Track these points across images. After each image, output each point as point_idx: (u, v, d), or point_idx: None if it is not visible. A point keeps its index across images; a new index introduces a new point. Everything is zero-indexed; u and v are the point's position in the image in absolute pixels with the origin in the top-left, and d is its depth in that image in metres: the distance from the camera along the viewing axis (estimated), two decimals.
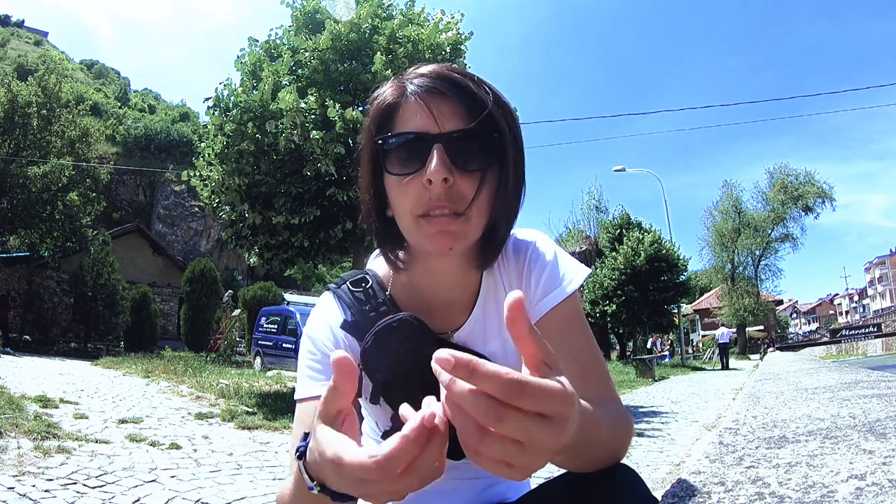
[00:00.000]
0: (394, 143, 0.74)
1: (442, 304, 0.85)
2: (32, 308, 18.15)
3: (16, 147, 16.86)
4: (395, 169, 0.74)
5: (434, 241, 0.73)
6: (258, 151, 6.91)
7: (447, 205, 0.71)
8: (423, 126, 0.72)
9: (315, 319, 0.86)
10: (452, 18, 7.64)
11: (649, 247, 20.86)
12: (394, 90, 0.77)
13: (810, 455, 0.66)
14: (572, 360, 0.77)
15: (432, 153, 0.70)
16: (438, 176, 0.69)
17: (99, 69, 56.51)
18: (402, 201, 0.74)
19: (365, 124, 0.79)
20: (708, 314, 38.98)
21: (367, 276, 0.88)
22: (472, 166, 0.72)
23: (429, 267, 0.82)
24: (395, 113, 0.76)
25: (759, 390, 2.48)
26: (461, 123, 0.72)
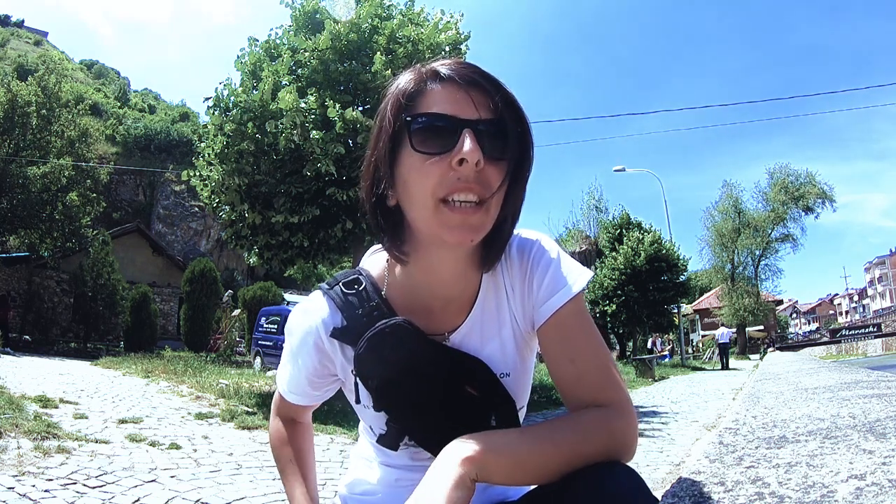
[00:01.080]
0: (423, 122, 0.72)
1: (440, 304, 0.83)
2: (32, 308, 18.15)
3: (15, 147, 16.86)
4: (421, 147, 0.71)
5: (454, 232, 0.71)
6: (258, 151, 6.91)
7: (475, 188, 0.70)
8: (454, 110, 0.71)
9: (303, 318, 0.86)
10: (452, 18, 7.64)
11: (649, 247, 20.85)
12: (415, 78, 0.76)
13: (810, 455, 0.66)
14: (569, 364, 0.77)
15: (464, 136, 0.69)
16: (474, 156, 0.68)
17: (99, 69, 56.51)
18: (424, 181, 0.71)
19: (384, 107, 0.77)
20: (708, 314, 38.97)
21: (361, 277, 0.86)
22: (499, 154, 0.72)
23: (430, 263, 0.80)
24: (417, 98, 0.74)
25: (759, 390, 2.48)
26: (487, 114, 0.72)
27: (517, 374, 0.85)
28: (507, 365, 0.84)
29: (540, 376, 9.29)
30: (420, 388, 0.79)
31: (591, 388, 0.76)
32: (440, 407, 0.79)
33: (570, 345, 0.78)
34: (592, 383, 0.76)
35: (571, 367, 0.77)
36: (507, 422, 0.83)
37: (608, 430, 0.72)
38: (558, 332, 0.79)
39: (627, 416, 0.74)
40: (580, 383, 0.77)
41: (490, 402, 0.82)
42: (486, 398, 0.81)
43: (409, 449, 0.85)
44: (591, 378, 0.77)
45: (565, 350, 0.78)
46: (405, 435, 0.83)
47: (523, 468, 0.67)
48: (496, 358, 0.83)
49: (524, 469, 0.67)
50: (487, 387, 0.82)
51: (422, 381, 0.78)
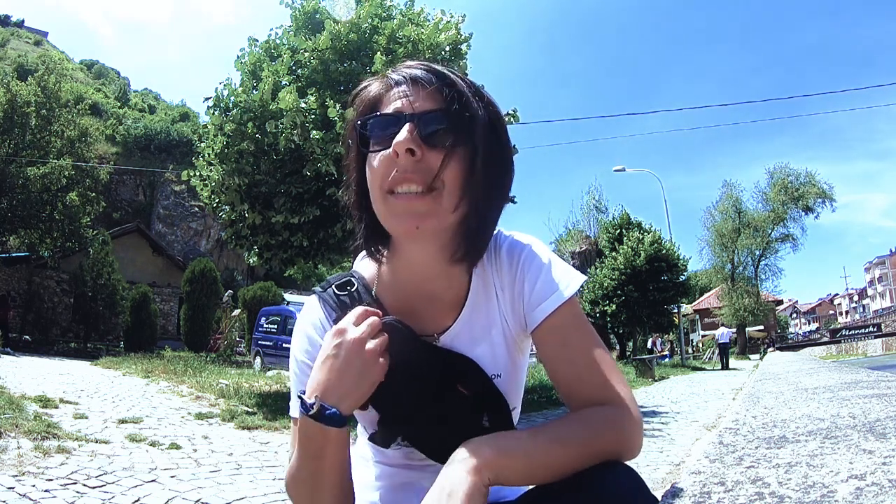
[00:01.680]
0: (372, 124, 0.76)
1: (426, 302, 0.83)
2: (32, 308, 18.15)
3: (15, 147, 16.86)
4: (372, 147, 0.76)
5: (400, 220, 0.73)
6: (258, 151, 6.91)
7: (413, 177, 0.72)
8: (400, 108, 0.75)
9: (302, 330, 0.87)
10: (452, 18, 7.63)
11: (649, 247, 20.85)
12: (378, 84, 0.80)
13: (810, 455, 0.66)
14: (568, 366, 0.78)
15: (402, 128, 0.72)
16: (402, 146, 0.71)
17: (99, 69, 56.50)
18: (374, 177, 0.75)
19: (349, 117, 0.82)
20: (708, 314, 38.99)
21: (353, 279, 0.88)
22: (440, 142, 0.73)
23: (409, 259, 0.82)
24: (379, 102, 0.78)
25: (759, 390, 2.48)
26: (434, 105, 0.74)
27: (508, 375, 0.85)
28: (498, 366, 0.84)
29: (540, 376, 9.29)
30: (411, 387, 0.79)
31: (592, 388, 0.76)
32: (432, 407, 0.79)
33: (566, 347, 0.79)
34: (593, 383, 0.76)
35: (570, 368, 0.77)
36: (499, 422, 0.83)
37: (616, 428, 0.72)
38: (554, 335, 0.79)
39: (632, 414, 0.74)
40: (580, 384, 0.77)
41: (482, 403, 0.82)
42: (478, 398, 0.81)
43: (403, 448, 0.85)
44: (591, 378, 0.76)
45: (562, 352, 0.78)
46: (397, 435, 0.83)
47: (535, 469, 0.67)
48: (487, 359, 0.83)
49: (536, 470, 0.67)
50: (479, 387, 0.82)
51: (413, 380, 0.78)
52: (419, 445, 0.82)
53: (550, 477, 0.68)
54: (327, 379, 0.72)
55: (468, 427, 0.80)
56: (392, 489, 0.89)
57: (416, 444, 0.82)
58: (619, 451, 0.71)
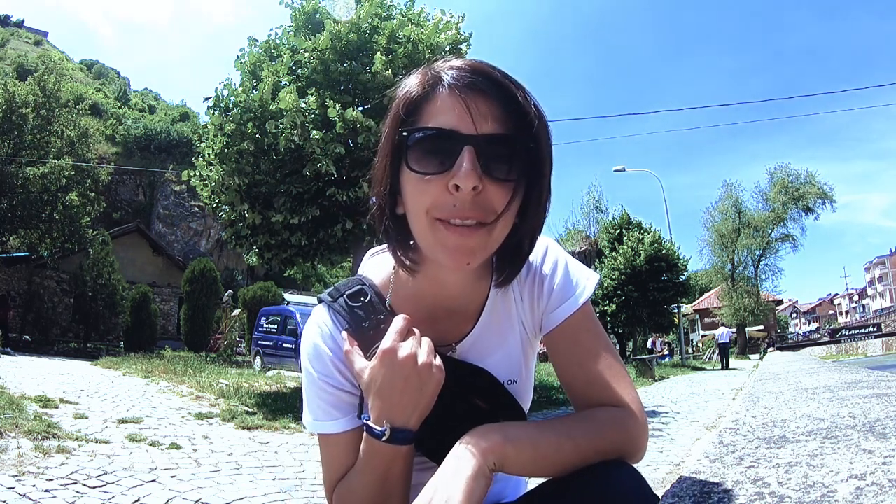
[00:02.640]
0: (420, 137, 0.67)
1: (446, 314, 0.81)
2: (32, 308, 18.15)
3: (15, 147, 16.86)
4: (416, 165, 0.67)
5: (451, 254, 0.67)
6: (258, 151, 6.91)
7: (472, 214, 0.65)
8: (455, 123, 0.65)
9: (314, 336, 0.81)
10: (452, 18, 7.63)
11: (649, 247, 20.86)
12: (423, 80, 0.70)
13: (810, 455, 0.66)
14: (578, 368, 0.78)
15: (463, 155, 0.64)
16: (468, 183, 0.63)
17: (99, 69, 56.50)
18: (420, 199, 0.67)
19: (389, 113, 0.73)
20: (708, 314, 38.99)
21: (365, 288, 0.83)
22: (504, 175, 0.66)
23: (438, 277, 0.77)
24: (423, 105, 0.69)
25: (759, 390, 2.48)
26: (497, 126, 0.66)
27: (522, 379, 0.85)
28: (513, 371, 0.83)
29: (539, 376, 9.28)
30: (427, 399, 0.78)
31: (601, 390, 0.76)
32: (446, 418, 0.78)
33: (578, 348, 0.79)
34: (602, 386, 0.76)
35: (580, 370, 0.78)
36: None
37: (622, 429, 0.72)
38: (567, 337, 0.79)
39: (638, 418, 0.75)
40: (590, 386, 0.77)
41: (497, 413, 0.81)
42: (493, 409, 0.81)
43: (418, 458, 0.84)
44: (600, 381, 0.76)
45: (574, 354, 0.79)
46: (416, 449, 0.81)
47: (540, 460, 0.67)
48: (503, 366, 0.82)
49: (541, 461, 0.67)
50: (495, 397, 0.81)
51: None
52: (432, 456, 0.80)
53: (554, 470, 0.68)
54: (391, 403, 0.71)
55: None
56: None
57: (429, 455, 0.81)
58: (624, 451, 0.71)
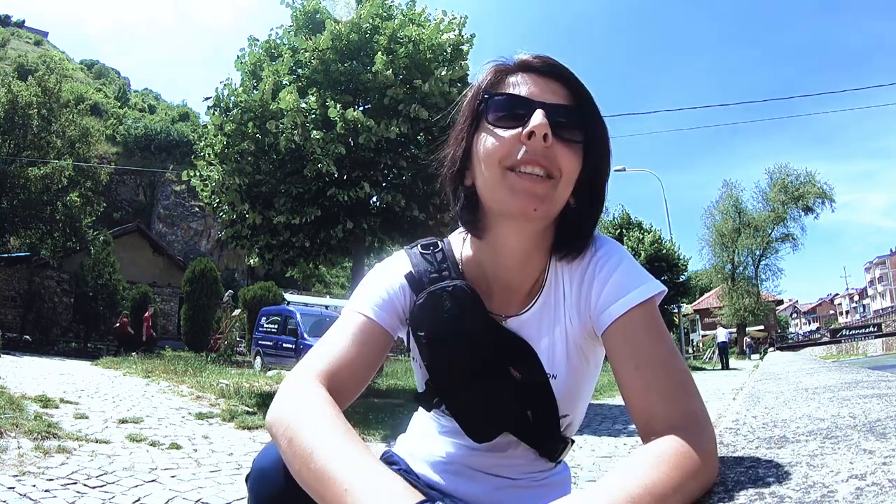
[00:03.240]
0: (500, 101, 0.77)
1: (502, 285, 0.84)
2: (33, 308, 18.15)
3: (16, 147, 16.88)
4: (496, 122, 0.76)
5: (519, 197, 0.73)
6: (258, 151, 6.92)
7: (541, 161, 0.73)
8: (530, 93, 0.76)
9: (384, 266, 0.88)
10: (454, 19, 7.63)
11: (649, 247, 20.88)
12: (497, 68, 0.81)
13: (810, 455, 0.66)
14: (635, 373, 0.72)
15: (535, 113, 0.73)
16: (541, 130, 0.72)
17: (99, 69, 56.51)
18: (494, 150, 0.75)
19: (468, 90, 0.83)
20: (708, 314, 38.99)
21: (439, 243, 0.90)
22: (568, 136, 0.75)
23: (499, 243, 0.81)
24: (499, 86, 0.79)
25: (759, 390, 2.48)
26: (563, 101, 0.76)
27: (564, 378, 0.82)
28: (554, 366, 0.82)
29: None
30: (464, 355, 0.79)
31: (660, 399, 0.69)
32: (480, 382, 0.80)
33: (635, 349, 0.73)
34: (661, 393, 0.69)
35: (637, 373, 0.71)
36: (544, 422, 0.83)
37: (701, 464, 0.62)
38: (623, 336, 0.74)
39: (706, 434, 0.66)
40: (648, 393, 0.70)
41: (531, 394, 0.81)
42: (527, 389, 0.81)
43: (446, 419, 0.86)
44: (658, 387, 0.70)
45: (630, 355, 0.73)
46: (441, 401, 0.83)
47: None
48: (545, 356, 0.82)
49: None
50: (532, 376, 0.81)
51: (466, 348, 0.79)
52: (459, 418, 0.82)
53: None
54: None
55: (510, 414, 0.81)
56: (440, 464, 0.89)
57: (456, 417, 0.82)
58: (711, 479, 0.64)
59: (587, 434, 5.16)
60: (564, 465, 0.93)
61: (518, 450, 0.85)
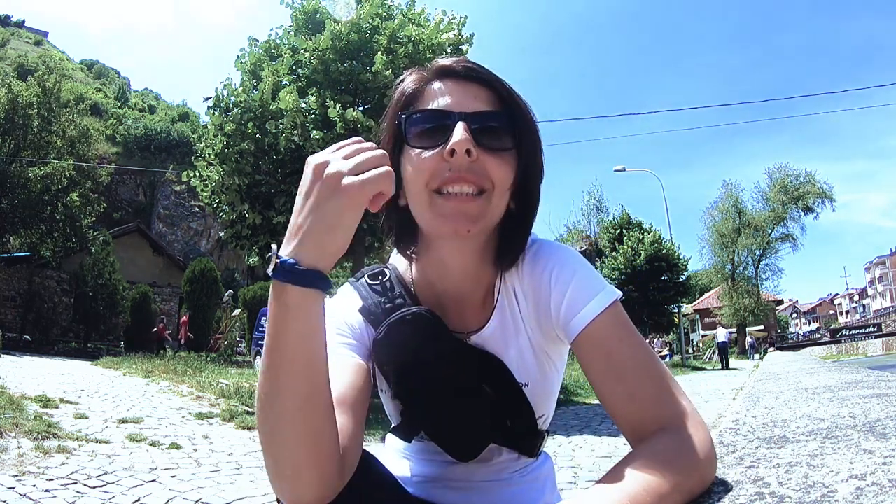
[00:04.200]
0: (417, 118, 0.73)
1: (454, 302, 0.82)
2: (33, 308, 18.15)
3: (16, 147, 16.89)
4: (416, 143, 0.72)
5: (449, 220, 0.70)
6: (258, 151, 6.93)
7: (468, 177, 0.69)
8: (449, 105, 0.72)
9: (334, 304, 0.83)
10: (454, 19, 7.64)
11: (649, 247, 20.89)
12: (416, 78, 0.78)
13: (810, 455, 0.66)
14: (617, 383, 0.69)
15: (456, 127, 0.69)
16: (462, 146, 0.68)
17: (99, 69, 56.53)
18: (418, 175, 0.71)
19: (387, 112, 0.79)
20: (708, 314, 38.97)
21: (386, 270, 0.86)
22: (495, 145, 0.71)
23: (439, 259, 0.79)
24: (418, 98, 0.76)
25: (759, 390, 2.48)
26: (485, 106, 0.73)
27: (536, 384, 0.81)
28: (527, 374, 0.81)
29: None
30: (435, 379, 0.77)
31: (647, 405, 0.67)
32: (456, 404, 0.77)
33: (612, 360, 0.70)
34: (647, 400, 0.68)
35: (619, 385, 0.69)
36: (523, 428, 0.82)
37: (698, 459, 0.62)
38: (595, 348, 0.72)
39: (700, 432, 0.65)
40: (633, 403, 0.68)
41: (507, 406, 0.80)
42: (503, 401, 0.79)
43: (424, 443, 0.84)
44: (644, 394, 0.68)
45: (609, 367, 0.70)
46: (420, 429, 0.81)
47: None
48: (514, 366, 0.80)
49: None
50: (505, 388, 0.79)
51: (437, 372, 0.76)
52: (440, 442, 0.80)
53: None
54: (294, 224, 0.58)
55: (490, 428, 0.80)
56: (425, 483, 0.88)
57: (437, 441, 0.80)
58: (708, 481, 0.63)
59: (587, 434, 5.16)
60: (545, 454, 0.93)
61: (502, 455, 0.85)
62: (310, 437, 0.58)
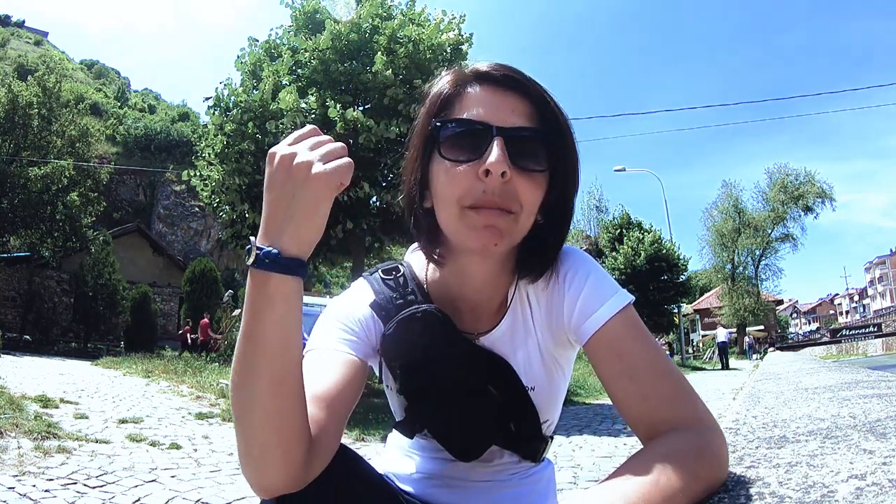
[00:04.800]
0: (453, 128, 0.71)
1: (469, 308, 0.82)
2: (33, 308, 18.15)
3: (16, 147, 16.89)
4: (449, 154, 0.70)
5: (479, 235, 0.69)
6: (258, 151, 6.92)
7: (499, 201, 0.68)
8: (486, 116, 0.70)
9: (345, 297, 0.83)
10: (454, 19, 7.64)
11: (649, 247, 20.89)
12: (454, 79, 0.75)
13: (810, 455, 0.66)
14: (629, 383, 0.70)
15: (493, 144, 0.67)
16: (499, 168, 0.66)
17: (99, 69, 56.51)
18: (451, 189, 0.70)
19: (422, 109, 0.77)
20: (708, 314, 38.98)
21: (400, 266, 0.86)
22: (531, 166, 0.70)
23: (462, 268, 0.79)
24: (454, 101, 0.74)
25: (759, 390, 2.48)
26: (523, 121, 0.70)
27: (542, 388, 0.82)
28: (533, 378, 0.81)
29: None
30: (441, 378, 0.77)
31: (661, 405, 0.68)
32: (460, 403, 0.78)
33: (624, 359, 0.71)
34: (661, 400, 0.68)
35: (632, 385, 0.69)
36: (527, 431, 0.82)
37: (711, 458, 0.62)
38: (608, 350, 0.72)
39: (715, 434, 0.66)
40: (647, 403, 0.68)
41: (512, 408, 0.80)
42: (508, 403, 0.80)
43: (427, 440, 0.84)
44: (658, 394, 0.68)
45: (621, 368, 0.71)
46: (423, 426, 0.81)
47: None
48: (522, 369, 0.81)
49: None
50: (511, 391, 0.80)
51: (444, 371, 0.76)
52: (442, 440, 0.80)
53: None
54: (267, 214, 0.60)
55: (493, 430, 0.80)
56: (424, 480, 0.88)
57: (440, 439, 0.80)
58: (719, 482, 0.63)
59: (587, 434, 5.16)
60: (547, 460, 0.93)
61: (503, 457, 0.85)
62: (278, 417, 0.59)
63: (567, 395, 6.36)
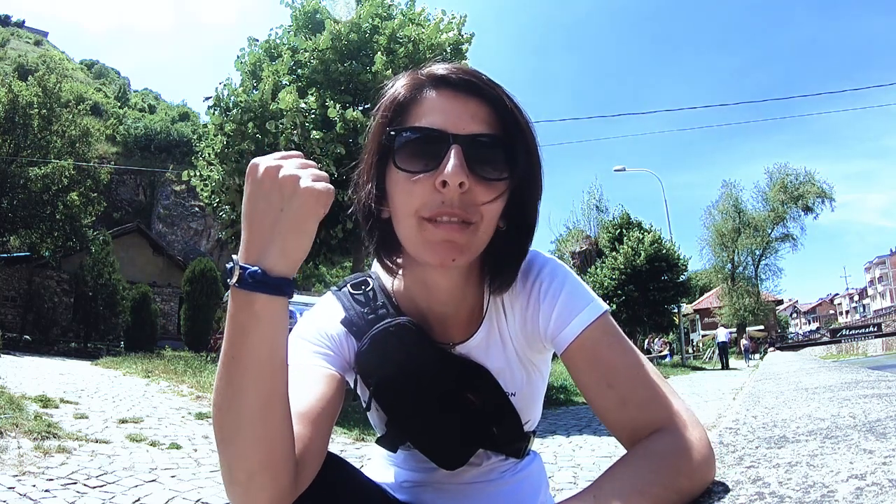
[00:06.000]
0: (408, 137, 0.67)
1: (439, 320, 0.80)
2: (33, 308, 18.14)
3: (16, 147, 16.89)
4: (405, 164, 0.67)
5: (436, 250, 0.67)
6: (258, 151, 6.92)
7: (458, 212, 0.65)
8: (443, 123, 0.66)
9: (315, 314, 0.81)
10: (454, 19, 7.65)
11: (649, 246, 20.89)
12: (410, 83, 0.71)
13: (810, 455, 0.66)
14: (608, 390, 0.70)
15: (450, 153, 0.64)
16: (456, 178, 0.63)
17: (99, 69, 56.51)
18: (407, 201, 0.67)
19: (375, 115, 0.73)
20: (708, 314, 38.98)
21: (369, 279, 0.84)
22: (490, 174, 0.67)
23: (425, 280, 0.76)
24: (410, 107, 0.70)
25: (759, 390, 2.48)
26: (482, 127, 0.67)
27: (523, 394, 0.82)
28: (513, 384, 0.81)
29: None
30: (419, 390, 0.76)
31: (640, 409, 0.68)
32: (440, 413, 0.77)
33: (602, 367, 0.71)
34: (640, 404, 0.68)
35: (611, 391, 0.69)
36: (509, 435, 0.82)
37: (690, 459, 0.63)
38: (586, 356, 0.72)
39: (696, 431, 0.66)
40: (626, 408, 0.69)
41: (492, 414, 0.80)
42: (488, 409, 0.79)
43: (410, 452, 0.84)
44: (636, 398, 0.68)
45: (599, 375, 0.70)
46: (405, 438, 0.81)
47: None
48: (501, 377, 0.80)
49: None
50: (490, 396, 0.79)
51: (422, 383, 0.75)
52: (426, 451, 0.80)
53: None
54: (250, 231, 0.57)
55: (476, 436, 0.80)
56: (414, 488, 0.87)
57: (423, 450, 0.80)
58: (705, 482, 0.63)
59: (587, 434, 5.16)
60: (533, 452, 0.93)
61: (490, 458, 0.85)
62: (266, 440, 0.57)
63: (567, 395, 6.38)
